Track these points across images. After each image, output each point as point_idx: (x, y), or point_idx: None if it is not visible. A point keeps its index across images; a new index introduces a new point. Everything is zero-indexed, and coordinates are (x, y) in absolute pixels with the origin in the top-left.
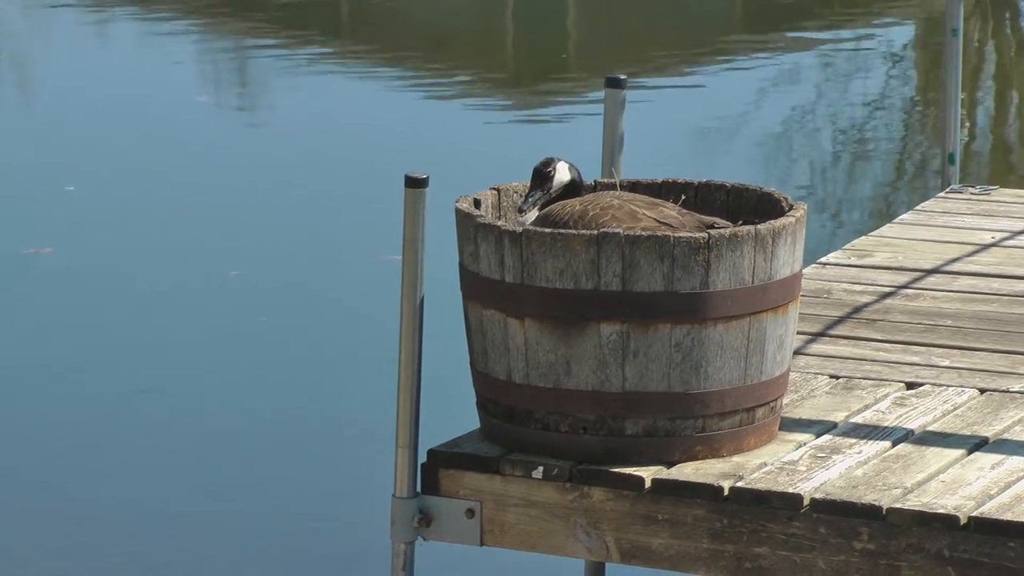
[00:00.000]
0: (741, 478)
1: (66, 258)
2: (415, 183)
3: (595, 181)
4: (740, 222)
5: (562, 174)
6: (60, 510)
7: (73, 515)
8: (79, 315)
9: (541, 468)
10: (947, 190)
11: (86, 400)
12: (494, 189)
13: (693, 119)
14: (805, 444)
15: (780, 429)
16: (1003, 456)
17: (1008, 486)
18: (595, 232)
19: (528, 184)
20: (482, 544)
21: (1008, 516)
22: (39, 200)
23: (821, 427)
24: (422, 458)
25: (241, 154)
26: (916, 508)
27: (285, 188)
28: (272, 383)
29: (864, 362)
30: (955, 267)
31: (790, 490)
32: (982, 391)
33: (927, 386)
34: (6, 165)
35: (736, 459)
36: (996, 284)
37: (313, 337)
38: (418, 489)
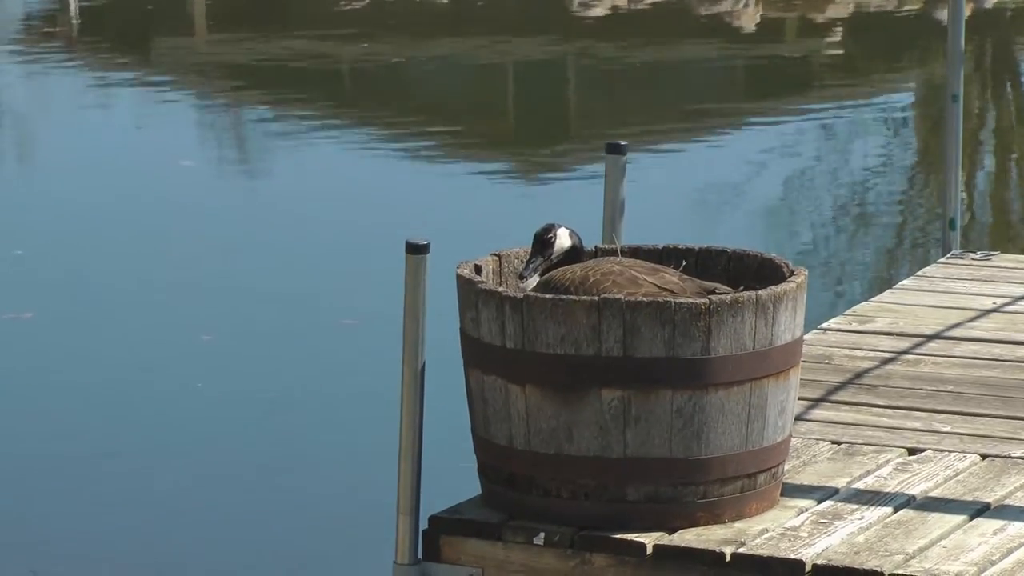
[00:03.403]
0: (743, 544)
1: (46, 323)
2: (416, 249)
3: (596, 247)
4: (741, 288)
5: (563, 240)
6: None
7: None
8: (54, 378)
9: (543, 534)
10: (948, 256)
11: (54, 461)
12: (495, 255)
13: (694, 185)
14: (807, 510)
15: (782, 495)
16: (1005, 522)
17: (1010, 552)
18: (596, 298)
19: (529, 250)
20: None
21: None
22: (20, 263)
23: (823, 493)
24: (423, 525)
25: (225, 219)
26: (918, 574)
27: (269, 252)
28: (254, 454)
29: (866, 428)
30: (956, 333)
31: (792, 556)
32: (984, 457)
33: (929, 452)
34: None
35: (738, 525)
36: (997, 350)
37: (285, 401)
38: (419, 556)
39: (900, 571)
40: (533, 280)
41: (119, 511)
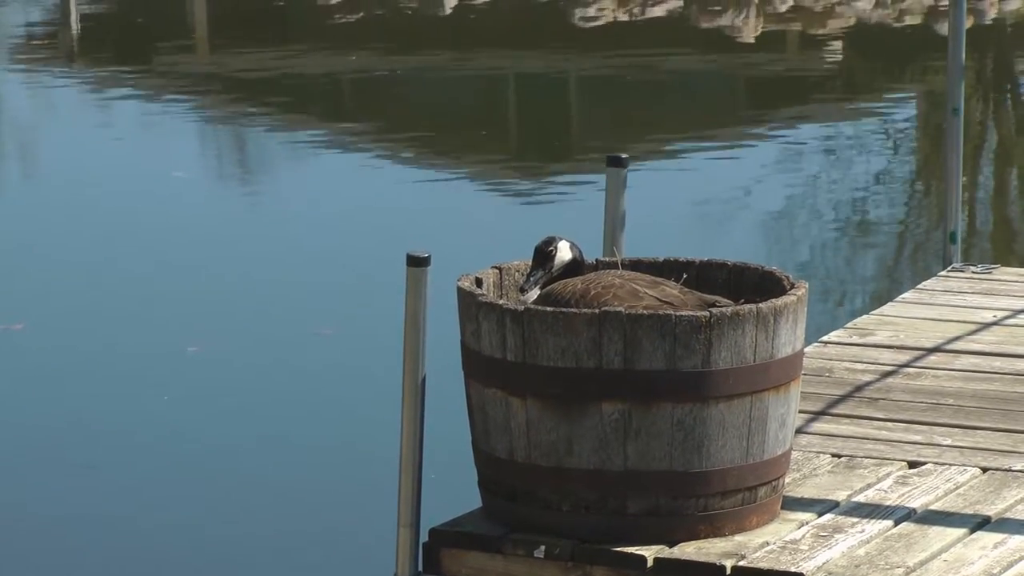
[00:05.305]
0: (743, 557)
1: (37, 334)
2: (417, 262)
3: (597, 260)
4: (742, 301)
5: (564, 253)
6: None
7: None
8: (45, 390)
9: (543, 547)
10: (948, 269)
11: (48, 468)
12: (496, 268)
13: (695, 198)
14: (807, 523)
15: (782, 508)
16: (1005, 535)
17: (1010, 565)
18: (597, 311)
19: (530, 263)
20: None
21: None
22: (10, 275)
23: (823, 506)
24: (423, 537)
25: (218, 230)
26: None
27: (267, 263)
28: (250, 466)
29: (866, 441)
30: (957, 346)
31: (792, 569)
32: (984, 470)
33: (929, 465)
34: None
35: (738, 538)
36: (998, 363)
37: (281, 412)
38: (420, 569)
39: None
40: (534, 293)
41: (113, 521)
